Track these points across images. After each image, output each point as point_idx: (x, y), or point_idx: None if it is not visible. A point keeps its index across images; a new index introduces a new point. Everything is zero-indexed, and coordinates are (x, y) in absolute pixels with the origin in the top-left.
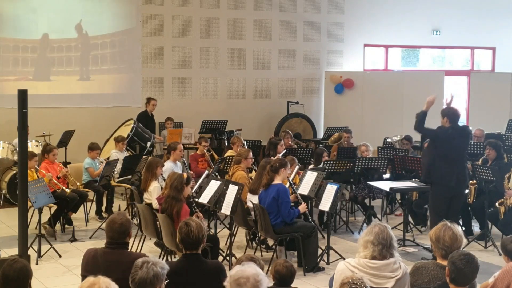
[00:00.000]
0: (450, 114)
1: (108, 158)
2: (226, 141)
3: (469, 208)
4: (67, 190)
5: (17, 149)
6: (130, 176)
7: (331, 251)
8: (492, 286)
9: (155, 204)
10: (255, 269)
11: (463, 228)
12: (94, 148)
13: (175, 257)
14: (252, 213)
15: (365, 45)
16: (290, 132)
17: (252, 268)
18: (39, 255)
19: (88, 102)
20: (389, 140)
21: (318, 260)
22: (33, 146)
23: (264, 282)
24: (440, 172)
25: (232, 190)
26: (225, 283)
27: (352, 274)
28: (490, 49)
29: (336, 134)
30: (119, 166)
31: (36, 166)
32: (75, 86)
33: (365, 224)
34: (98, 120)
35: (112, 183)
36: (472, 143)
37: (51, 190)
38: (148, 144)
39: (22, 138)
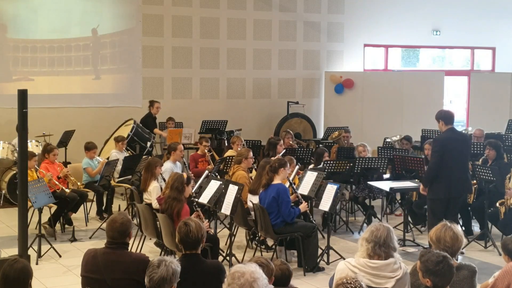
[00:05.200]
0: (443, 116)
1: (108, 158)
2: (226, 141)
3: (469, 208)
4: (67, 190)
5: (17, 149)
6: (130, 176)
7: (331, 251)
8: (492, 286)
9: (155, 204)
10: (254, 268)
11: (463, 228)
12: (90, 148)
13: (175, 257)
14: (252, 213)
15: (365, 45)
16: (291, 132)
17: (252, 267)
18: (39, 255)
19: (88, 102)
20: (388, 140)
21: (318, 260)
22: (33, 146)
23: (260, 282)
24: (441, 175)
25: (232, 190)
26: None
27: (346, 274)
28: (490, 49)
29: (336, 132)
30: (119, 166)
31: (35, 166)
32: (75, 86)
33: (365, 224)
34: (98, 120)
35: (112, 183)
36: (472, 143)
37: (51, 190)
38: (148, 144)
39: (22, 138)
